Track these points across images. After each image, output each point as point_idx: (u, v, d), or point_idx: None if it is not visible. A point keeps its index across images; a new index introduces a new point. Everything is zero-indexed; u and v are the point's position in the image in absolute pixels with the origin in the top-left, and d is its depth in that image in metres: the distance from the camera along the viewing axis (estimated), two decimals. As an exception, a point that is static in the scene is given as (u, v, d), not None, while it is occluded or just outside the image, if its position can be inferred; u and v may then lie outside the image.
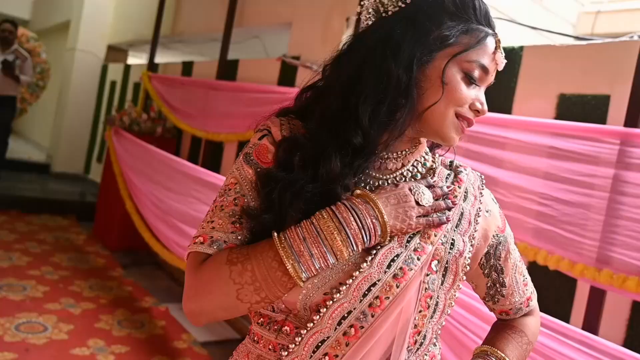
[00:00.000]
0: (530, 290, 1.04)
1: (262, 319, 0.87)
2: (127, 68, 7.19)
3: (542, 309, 1.77)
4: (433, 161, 0.96)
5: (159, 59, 6.04)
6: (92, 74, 7.89)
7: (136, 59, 8.51)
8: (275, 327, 0.85)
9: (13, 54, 6.10)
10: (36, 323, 3.15)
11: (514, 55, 2.40)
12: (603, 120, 2.05)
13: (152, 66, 5.57)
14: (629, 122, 1.81)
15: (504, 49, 2.62)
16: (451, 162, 0.98)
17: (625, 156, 1.79)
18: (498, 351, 0.94)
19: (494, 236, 0.96)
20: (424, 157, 0.94)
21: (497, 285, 0.98)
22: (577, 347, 1.66)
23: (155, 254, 4.08)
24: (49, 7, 9.97)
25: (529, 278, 1.04)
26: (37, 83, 8.38)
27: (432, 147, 1.00)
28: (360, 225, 0.78)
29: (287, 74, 3.91)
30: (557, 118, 2.20)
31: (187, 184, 3.54)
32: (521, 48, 2.38)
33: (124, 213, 4.51)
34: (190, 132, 4.67)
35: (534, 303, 1.05)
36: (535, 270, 2.21)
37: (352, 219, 0.78)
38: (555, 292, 2.16)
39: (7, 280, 3.71)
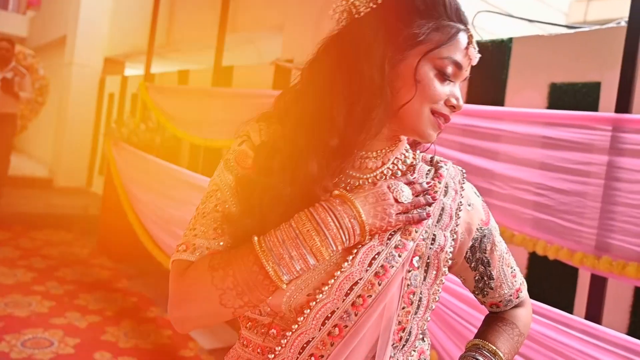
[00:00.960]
0: (520, 282, 1.03)
1: (250, 323, 0.88)
2: (125, 79, 7.22)
3: (545, 299, 1.77)
4: (414, 158, 0.96)
5: (155, 69, 6.06)
6: (90, 87, 7.93)
7: (133, 70, 8.55)
8: (262, 330, 0.85)
9: (11, 71, 6.13)
10: (42, 338, 3.16)
11: (503, 47, 2.39)
12: (595, 107, 2.05)
13: (148, 77, 5.58)
14: (620, 107, 1.80)
15: (494, 41, 2.62)
16: (432, 157, 0.99)
17: (617, 142, 1.78)
18: (489, 344, 0.94)
19: (477, 229, 0.96)
20: (404, 154, 0.94)
21: (485, 278, 0.98)
22: (581, 337, 1.66)
23: (159, 263, 4.09)
24: (45, 23, 10.03)
25: (517, 269, 1.03)
26: (36, 99, 8.42)
27: (414, 144, 1.00)
28: (339, 225, 0.79)
29: (281, 77, 3.91)
30: (549, 107, 2.20)
31: (187, 192, 3.55)
32: (510, 40, 2.38)
33: (127, 224, 4.51)
34: (189, 140, 4.68)
35: (524, 294, 1.04)
36: (536, 261, 2.21)
37: (329, 219, 0.79)
38: (557, 283, 2.16)
39: (12, 297, 3.72)
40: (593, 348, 1.63)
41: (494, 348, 0.93)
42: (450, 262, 0.90)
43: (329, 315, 0.79)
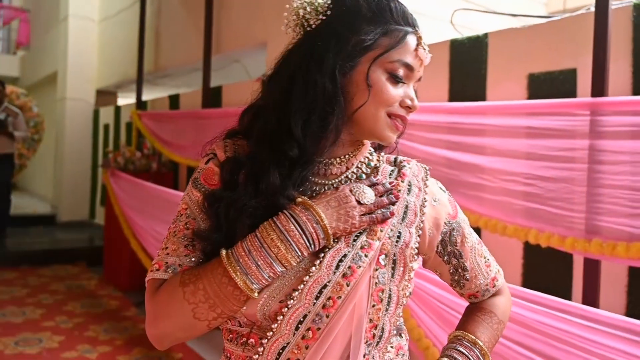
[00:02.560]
0: (495, 271, 1.05)
1: (230, 335, 0.90)
2: (118, 109, 7.28)
3: (542, 288, 1.78)
4: (378, 160, 0.99)
5: (146, 96, 6.11)
6: (84, 120, 7.99)
7: (125, 100, 8.61)
8: (242, 340, 0.88)
9: (4, 112, 6.20)
10: (54, 373, 3.18)
11: (480, 42, 2.42)
12: (573, 94, 2.07)
13: (140, 104, 5.64)
14: (595, 92, 1.83)
15: (470, 38, 2.65)
16: (395, 158, 1.01)
17: (596, 125, 1.80)
18: (469, 334, 0.96)
19: (445, 223, 0.98)
20: (367, 157, 0.97)
21: (460, 270, 1.00)
22: (579, 322, 1.67)
23: (165, 288, 4.09)
24: (35, 62, 10.14)
25: (491, 259, 1.05)
26: (32, 137, 8.51)
27: (381, 147, 1.03)
28: (302, 231, 0.81)
29: (269, 93, 3.94)
30: (529, 98, 2.22)
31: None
32: (486, 35, 2.41)
33: (131, 252, 4.54)
34: (184, 163, 4.72)
35: (501, 282, 1.06)
36: (532, 251, 2.22)
37: (292, 226, 0.81)
38: (554, 271, 2.17)
39: (23, 335, 3.74)
40: (592, 332, 1.64)
41: (474, 338, 0.95)
42: (416, 257, 0.92)
43: (302, 319, 0.82)
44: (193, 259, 0.86)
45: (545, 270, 2.18)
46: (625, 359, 1.54)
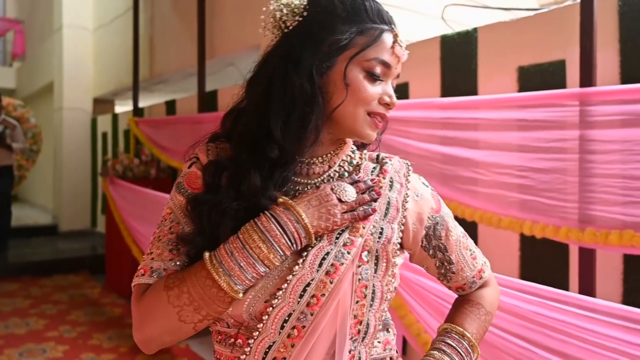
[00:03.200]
0: (481, 263, 1.06)
1: (219, 337, 0.91)
2: (115, 117, 7.29)
3: (540, 280, 1.79)
4: (360, 158, 1.00)
5: (143, 102, 6.13)
6: (82, 129, 8.00)
7: (123, 107, 8.63)
8: (230, 341, 0.89)
9: (1, 124, 6.21)
10: (58, 382, 3.18)
11: (469, 37, 2.43)
12: (563, 85, 2.08)
13: (137, 111, 5.66)
14: (584, 82, 1.83)
15: (459, 33, 2.65)
16: (378, 155, 1.02)
17: (586, 115, 1.81)
18: (457, 327, 0.97)
19: (429, 218, 0.99)
20: (349, 155, 0.98)
21: (445, 264, 1.01)
22: (576, 312, 1.67)
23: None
24: (31, 72, 10.16)
25: (477, 251, 1.06)
26: (31, 148, 8.52)
27: (364, 145, 1.04)
28: (282, 231, 0.82)
29: (263, 95, 3.95)
30: (520, 91, 2.23)
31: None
32: (475, 30, 2.41)
33: (133, 260, 4.55)
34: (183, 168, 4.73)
35: (487, 274, 1.07)
36: (528, 243, 2.23)
37: (273, 226, 0.82)
38: (550, 262, 2.17)
39: (26, 347, 3.76)
40: (589, 321, 1.65)
41: (462, 330, 0.96)
42: (398, 252, 0.92)
43: (287, 318, 0.83)
44: (178, 263, 0.87)
45: (542, 261, 2.19)
46: (623, 347, 1.55)
